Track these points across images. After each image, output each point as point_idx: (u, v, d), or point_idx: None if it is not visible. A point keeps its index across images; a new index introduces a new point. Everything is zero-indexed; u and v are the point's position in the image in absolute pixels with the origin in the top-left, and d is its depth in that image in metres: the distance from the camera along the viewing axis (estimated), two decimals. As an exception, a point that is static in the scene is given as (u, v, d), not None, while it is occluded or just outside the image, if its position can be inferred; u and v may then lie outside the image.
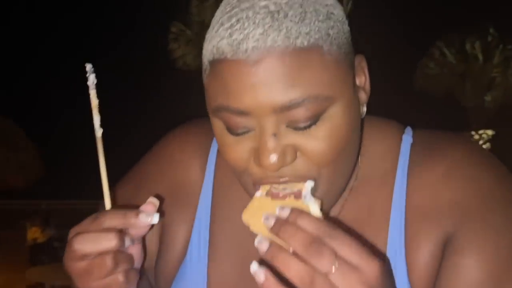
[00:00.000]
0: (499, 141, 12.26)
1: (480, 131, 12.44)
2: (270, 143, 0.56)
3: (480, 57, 12.96)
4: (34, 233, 6.78)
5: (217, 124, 0.60)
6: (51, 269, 4.68)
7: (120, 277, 0.57)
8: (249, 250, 0.66)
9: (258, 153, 0.57)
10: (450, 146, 0.65)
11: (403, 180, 0.65)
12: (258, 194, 0.58)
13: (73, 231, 0.59)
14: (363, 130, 0.66)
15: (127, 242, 0.58)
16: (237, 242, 0.70)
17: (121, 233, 0.58)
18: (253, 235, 0.70)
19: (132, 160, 0.81)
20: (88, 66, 0.61)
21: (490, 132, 12.39)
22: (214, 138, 0.71)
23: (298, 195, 0.56)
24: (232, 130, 0.58)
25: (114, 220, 0.58)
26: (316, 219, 0.52)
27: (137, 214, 0.58)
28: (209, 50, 0.57)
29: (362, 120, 0.63)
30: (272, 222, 0.53)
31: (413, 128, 0.70)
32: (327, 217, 0.65)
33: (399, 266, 0.62)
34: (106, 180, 0.62)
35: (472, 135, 12.35)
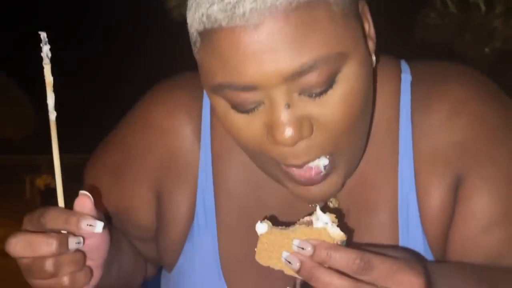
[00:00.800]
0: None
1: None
2: (284, 115, 0.50)
3: (482, 6, 12.68)
4: (46, 179, 6.98)
5: (220, 103, 0.53)
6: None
7: (64, 280, 0.52)
8: (258, 217, 0.65)
9: (271, 129, 0.51)
10: (450, 82, 0.62)
11: (407, 126, 0.62)
12: (262, 230, 0.53)
13: (25, 221, 0.55)
14: None
15: (73, 245, 0.53)
16: (243, 210, 0.66)
17: (64, 235, 0.52)
18: (259, 203, 0.67)
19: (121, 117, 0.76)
20: (43, 35, 0.53)
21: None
22: (204, 98, 0.66)
23: (308, 223, 0.51)
24: (239, 108, 0.52)
25: (56, 222, 0.53)
26: (344, 252, 0.48)
27: (79, 221, 0.52)
28: (197, 19, 0.50)
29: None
30: (297, 265, 0.49)
31: (407, 61, 0.66)
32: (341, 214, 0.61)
33: (412, 214, 0.61)
34: (59, 173, 0.56)
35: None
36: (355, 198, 0.64)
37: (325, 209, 0.52)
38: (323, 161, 0.54)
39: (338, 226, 0.50)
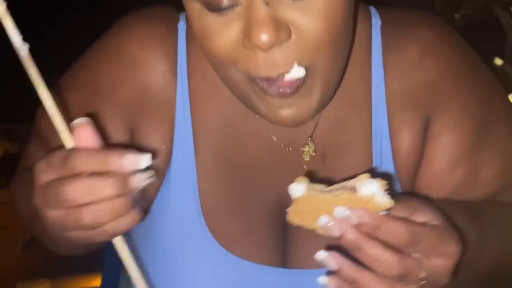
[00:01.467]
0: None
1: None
2: (261, 14, 0.48)
3: (452, -27, 12.81)
4: (4, 145, 6.78)
5: (194, 6, 0.51)
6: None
7: (109, 227, 0.45)
8: (238, 160, 0.63)
9: (247, 30, 0.48)
10: (418, 26, 0.64)
11: (379, 69, 0.63)
12: (298, 192, 0.46)
13: (41, 171, 0.45)
14: None
15: (142, 182, 0.44)
16: (223, 153, 0.63)
17: (125, 175, 0.43)
18: (239, 146, 0.63)
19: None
20: None
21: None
22: (179, 33, 0.62)
23: (353, 188, 0.45)
24: (214, 7, 0.49)
25: (91, 164, 0.43)
26: (393, 224, 0.45)
27: (121, 157, 0.43)
28: None
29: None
30: (338, 232, 0.45)
31: (375, 6, 0.66)
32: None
33: (385, 154, 0.63)
34: (56, 112, 0.45)
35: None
36: (331, 140, 0.64)
37: (375, 175, 0.46)
38: (298, 72, 0.51)
39: (388, 193, 0.45)
